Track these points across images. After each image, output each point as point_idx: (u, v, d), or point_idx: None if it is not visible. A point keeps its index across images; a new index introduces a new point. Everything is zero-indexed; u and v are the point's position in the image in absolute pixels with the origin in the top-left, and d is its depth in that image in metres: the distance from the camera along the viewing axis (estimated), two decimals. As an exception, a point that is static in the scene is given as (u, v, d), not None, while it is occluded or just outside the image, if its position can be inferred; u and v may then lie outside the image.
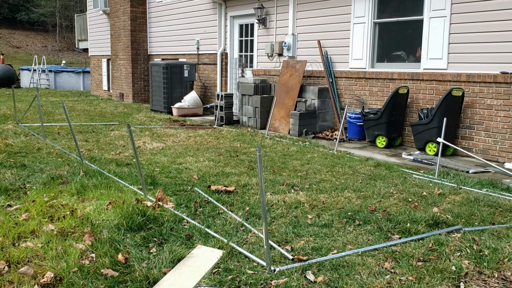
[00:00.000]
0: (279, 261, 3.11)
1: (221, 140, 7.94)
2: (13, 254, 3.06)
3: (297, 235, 3.58)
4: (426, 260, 3.15)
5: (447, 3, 7.25)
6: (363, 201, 4.50)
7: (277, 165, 6.08)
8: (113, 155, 6.49)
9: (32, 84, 23.19)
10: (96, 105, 13.54)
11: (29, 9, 44.40)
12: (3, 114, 10.64)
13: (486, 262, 3.11)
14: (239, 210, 4.15)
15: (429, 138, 7.10)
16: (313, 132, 8.97)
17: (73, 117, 10.53)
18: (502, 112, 6.74)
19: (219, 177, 5.32)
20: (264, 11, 10.53)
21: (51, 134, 8.15)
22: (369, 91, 8.57)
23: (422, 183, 5.27)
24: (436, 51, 7.45)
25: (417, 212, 4.09)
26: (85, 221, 3.66)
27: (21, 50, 42.64)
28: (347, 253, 3.23)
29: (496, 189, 5.07)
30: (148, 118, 10.78)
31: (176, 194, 4.58)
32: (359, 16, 8.58)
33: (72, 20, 38.32)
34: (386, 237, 3.58)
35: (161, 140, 7.75)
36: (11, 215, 3.85)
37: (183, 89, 12.17)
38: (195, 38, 12.96)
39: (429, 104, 7.61)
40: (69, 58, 41.36)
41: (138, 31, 14.79)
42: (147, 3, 14.82)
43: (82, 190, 4.58)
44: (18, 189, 4.62)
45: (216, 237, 3.46)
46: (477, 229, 3.77)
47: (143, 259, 3.09)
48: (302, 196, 4.56)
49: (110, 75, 17.00)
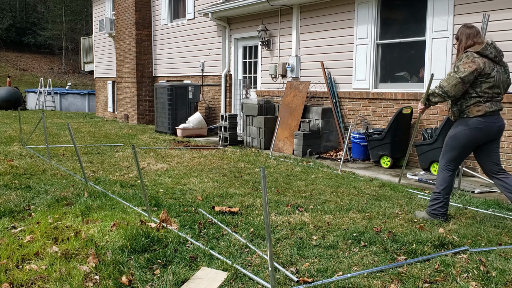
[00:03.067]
0: (284, 283, 3.08)
1: (225, 161, 7.94)
2: (17, 276, 3.04)
3: (302, 257, 3.55)
4: (433, 282, 3.11)
5: (449, 24, 7.32)
6: (368, 221, 4.48)
7: (281, 186, 6.07)
8: (118, 176, 6.51)
9: (38, 106, 23.40)
10: (101, 127, 13.62)
11: (36, 32, 45.12)
12: (9, 136, 10.72)
13: (493, 284, 3.07)
14: (243, 231, 4.13)
15: (434, 158, 7.09)
16: (317, 152, 8.97)
17: (78, 139, 10.59)
18: (506, 132, 6.73)
19: (223, 198, 5.31)
20: (267, 33, 10.65)
21: (56, 155, 8.19)
22: (372, 111, 8.60)
23: (428, 203, 5.24)
24: (439, 71, 7.48)
25: (422, 233, 4.06)
26: (89, 243, 3.65)
27: (27, 73, 43.15)
28: (353, 274, 3.20)
29: (502, 209, 5.03)
30: (153, 139, 10.82)
31: (180, 215, 4.56)
32: (362, 38, 8.66)
33: (78, 43, 38.85)
34: (392, 258, 3.55)
35: (165, 161, 7.76)
36: (16, 237, 3.84)
37: (187, 110, 12.25)
38: (200, 60, 13.09)
39: (433, 124, 7.62)
40: (74, 80, 41.79)
41: (143, 53, 14.96)
42: (152, 26, 15.03)
43: (86, 211, 4.58)
44: (22, 210, 4.62)
45: (220, 259, 3.44)
46: (484, 250, 3.73)
47: (147, 281, 3.07)
48: (307, 217, 4.54)
49: (115, 97, 17.14)
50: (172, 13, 14.32)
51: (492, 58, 4.32)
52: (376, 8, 8.44)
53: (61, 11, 45.80)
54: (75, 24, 45.93)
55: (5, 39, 44.64)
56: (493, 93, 4.34)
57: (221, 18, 11.91)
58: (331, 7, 9.26)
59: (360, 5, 8.68)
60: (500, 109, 4.40)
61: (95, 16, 18.76)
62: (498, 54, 4.36)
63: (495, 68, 4.33)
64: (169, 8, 14.31)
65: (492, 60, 4.32)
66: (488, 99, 4.34)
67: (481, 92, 4.32)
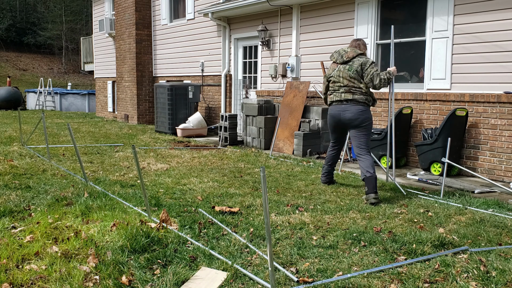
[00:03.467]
0: (284, 283, 3.08)
1: (225, 161, 7.94)
2: (17, 276, 3.04)
3: (302, 257, 3.55)
4: (433, 282, 3.11)
5: (449, 24, 7.32)
6: (368, 222, 4.48)
7: (281, 186, 6.07)
8: (118, 176, 6.51)
9: (38, 106, 23.40)
10: (101, 127, 13.63)
11: (36, 32, 45.13)
12: (9, 136, 10.72)
13: (493, 284, 3.07)
14: (243, 231, 4.13)
15: (434, 158, 7.09)
16: (317, 152, 8.97)
17: (78, 139, 10.59)
18: (506, 132, 6.73)
19: (223, 198, 5.31)
20: (267, 34, 10.65)
21: (56, 155, 8.19)
22: (372, 111, 8.59)
23: (428, 203, 5.24)
24: (439, 71, 7.49)
25: (422, 233, 4.06)
26: (89, 243, 3.65)
27: (27, 73, 43.17)
28: (353, 274, 3.20)
29: (503, 210, 5.03)
30: (153, 139, 10.82)
31: (180, 215, 4.57)
32: (362, 38, 8.65)
33: (78, 43, 38.88)
34: (392, 258, 3.55)
35: (165, 161, 7.76)
36: (16, 237, 3.85)
37: (187, 110, 12.25)
38: (200, 60, 13.09)
39: (433, 124, 7.62)
40: (74, 80, 41.80)
41: (143, 53, 14.97)
42: (152, 26, 15.03)
43: (86, 211, 4.58)
44: (22, 210, 4.62)
45: (220, 259, 3.44)
46: (484, 250, 3.73)
47: (147, 281, 3.07)
48: (307, 217, 4.54)
49: (115, 97, 17.14)
50: (172, 13, 14.32)
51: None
52: (376, 8, 8.45)
53: (61, 11, 45.82)
54: (75, 24, 45.95)
55: (5, 39, 44.65)
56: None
57: (221, 18, 11.91)
58: (331, 7, 9.26)
59: (360, 5, 8.68)
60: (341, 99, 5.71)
61: (95, 16, 18.77)
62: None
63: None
64: (169, 8, 14.31)
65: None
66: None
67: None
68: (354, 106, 5.58)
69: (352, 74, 5.59)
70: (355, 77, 5.59)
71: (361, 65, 5.59)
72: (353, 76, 5.59)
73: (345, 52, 5.73)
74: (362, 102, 5.60)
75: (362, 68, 5.59)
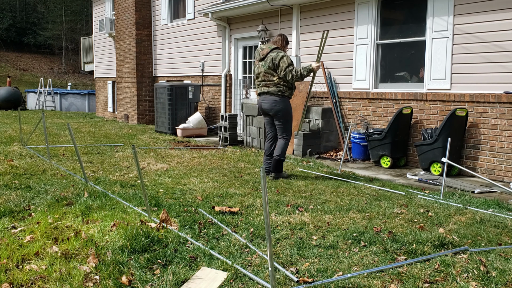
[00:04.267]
0: (284, 283, 3.08)
1: (225, 161, 7.94)
2: (17, 277, 3.05)
3: (302, 257, 3.55)
4: (433, 282, 3.11)
5: (449, 24, 7.32)
6: (368, 222, 4.48)
7: (281, 186, 6.07)
8: (118, 176, 6.51)
9: (38, 106, 23.40)
10: (101, 127, 13.63)
11: (36, 32, 45.13)
12: (9, 136, 10.72)
13: (493, 284, 3.07)
14: (243, 231, 4.13)
15: (434, 158, 7.09)
16: (317, 152, 8.97)
17: (78, 139, 10.59)
18: (506, 132, 6.73)
19: (223, 198, 5.31)
20: (267, 33, 10.65)
21: (56, 155, 8.19)
22: (372, 111, 8.60)
23: (428, 203, 5.24)
24: (439, 71, 7.49)
25: (422, 233, 4.06)
26: (89, 243, 3.65)
27: (27, 73, 43.17)
28: (353, 274, 3.20)
29: (503, 210, 5.03)
30: (153, 139, 10.82)
31: (180, 215, 4.57)
32: (362, 38, 8.66)
33: (78, 43, 38.87)
34: (392, 258, 3.55)
35: (165, 161, 7.76)
36: (16, 237, 3.85)
37: (187, 110, 12.25)
38: (200, 60, 13.09)
39: (433, 124, 7.62)
40: (74, 80, 41.80)
41: (143, 53, 14.97)
42: (152, 26, 15.03)
43: (86, 211, 4.58)
44: (22, 210, 4.62)
45: (220, 259, 3.44)
46: (484, 250, 3.73)
47: (147, 281, 3.07)
48: (307, 217, 4.54)
49: (115, 97, 17.15)
50: (172, 13, 14.32)
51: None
52: (376, 8, 8.45)
53: (61, 11, 45.81)
54: (75, 24, 45.94)
55: (5, 39, 44.65)
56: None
57: (221, 18, 11.91)
58: (331, 7, 9.26)
59: (360, 5, 8.68)
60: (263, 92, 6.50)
61: (95, 16, 18.77)
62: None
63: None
64: (169, 8, 14.31)
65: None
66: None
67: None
68: (269, 97, 6.40)
69: (265, 69, 6.36)
70: (268, 72, 6.35)
71: (272, 60, 6.30)
72: (267, 71, 6.35)
73: (261, 50, 6.47)
74: (275, 93, 6.35)
75: (274, 63, 6.29)
